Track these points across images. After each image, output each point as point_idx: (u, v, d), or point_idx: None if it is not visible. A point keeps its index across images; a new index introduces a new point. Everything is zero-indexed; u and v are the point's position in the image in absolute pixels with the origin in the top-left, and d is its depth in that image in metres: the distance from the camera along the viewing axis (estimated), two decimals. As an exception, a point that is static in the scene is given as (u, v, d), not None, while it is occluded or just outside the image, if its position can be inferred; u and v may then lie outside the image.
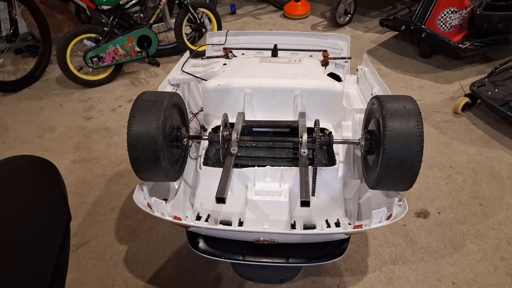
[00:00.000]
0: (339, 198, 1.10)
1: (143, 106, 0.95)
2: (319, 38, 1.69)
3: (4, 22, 2.38)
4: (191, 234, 1.08)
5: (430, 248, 1.38)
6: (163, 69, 2.68)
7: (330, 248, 1.06)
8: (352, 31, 3.13)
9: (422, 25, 2.36)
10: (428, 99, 2.24)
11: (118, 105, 2.31)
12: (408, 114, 0.91)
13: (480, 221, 1.48)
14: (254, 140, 1.14)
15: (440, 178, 1.69)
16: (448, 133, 1.96)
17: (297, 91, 1.16)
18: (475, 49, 2.35)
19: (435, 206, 1.56)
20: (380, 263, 1.34)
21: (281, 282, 1.26)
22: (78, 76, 2.42)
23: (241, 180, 1.06)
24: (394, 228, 1.46)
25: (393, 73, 2.52)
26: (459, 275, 1.29)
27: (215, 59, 1.52)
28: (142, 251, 1.41)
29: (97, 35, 2.38)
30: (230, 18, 3.46)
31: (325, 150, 1.16)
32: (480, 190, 1.62)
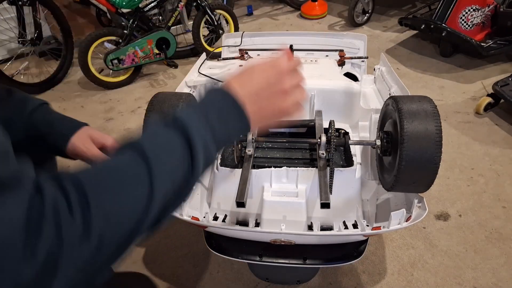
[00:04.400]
0: (356, 199, 1.09)
1: (158, 107, 0.97)
2: (335, 38, 1.68)
3: (29, 26, 2.46)
4: (208, 234, 1.09)
5: (451, 252, 1.35)
6: (181, 71, 2.71)
7: (348, 250, 1.05)
8: (370, 31, 3.09)
9: (443, 24, 2.31)
10: (449, 99, 2.19)
11: (138, 106, 2.35)
12: (426, 115, 0.89)
13: (503, 224, 1.44)
14: (270, 141, 1.14)
15: (461, 180, 1.65)
16: (470, 134, 1.91)
17: (314, 92, 1.15)
18: (498, 47, 2.29)
19: (456, 208, 1.52)
20: (398, 266, 1.32)
21: (298, 283, 1.25)
22: (99, 78, 2.48)
23: (257, 181, 1.06)
24: (413, 230, 1.44)
25: (413, 72, 2.48)
26: (481, 279, 1.26)
27: (231, 60, 1.53)
28: (160, 250, 1.43)
29: (117, 38, 2.43)
30: (247, 19, 3.47)
31: (342, 151, 1.15)
32: (503, 193, 1.57)
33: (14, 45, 2.68)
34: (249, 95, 0.51)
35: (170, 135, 0.47)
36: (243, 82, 0.52)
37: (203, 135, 0.47)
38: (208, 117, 0.48)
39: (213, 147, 0.48)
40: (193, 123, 0.47)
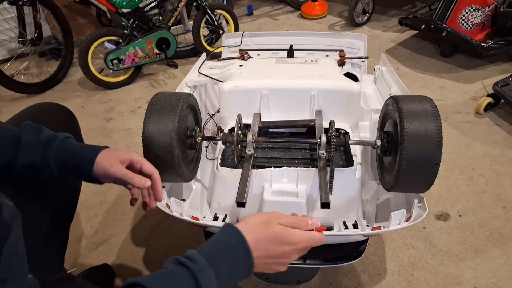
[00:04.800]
0: (356, 199, 1.09)
1: (158, 107, 0.97)
2: (336, 38, 1.68)
3: (29, 26, 2.46)
4: (208, 234, 1.09)
5: (451, 252, 1.35)
6: (181, 71, 2.71)
7: (348, 250, 1.05)
8: (370, 31, 3.09)
9: (443, 24, 2.30)
10: (449, 99, 2.19)
11: (138, 106, 2.35)
12: (426, 115, 0.89)
13: (503, 224, 1.44)
14: (270, 141, 1.14)
15: (461, 180, 1.65)
16: (470, 134, 1.91)
17: (314, 92, 1.15)
18: (498, 47, 2.29)
19: (456, 208, 1.52)
20: (398, 266, 1.32)
21: (298, 283, 1.25)
22: (99, 78, 2.48)
23: (257, 181, 1.06)
24: (413, 230, 1.44)
25: (413, 72, 2.48)
26: (481, 279, 1.26)
27: (231, 60, 1.53)
28: (160, 250, 1.43)
29: (118, 38, 2.43)
30: (247, 19, 3.47)
31: (342, 151, 1.15)
32: (503, 193, 1.57)
33: (14, 45, 2.69)
34: (261, 257, 0.63)
35: (183, 278, 0.55)
36: (261, 244, 0.63)
37: (211, 284, 0.56)
38: (220, 270, 0.58)
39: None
40: (206, 276, 0.56)
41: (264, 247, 0.63)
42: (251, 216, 0.67)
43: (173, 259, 0.59)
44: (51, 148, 0.74)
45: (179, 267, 0.57)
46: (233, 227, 0.64)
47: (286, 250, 0.65)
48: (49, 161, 0.73)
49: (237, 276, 0.61)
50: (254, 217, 0.67)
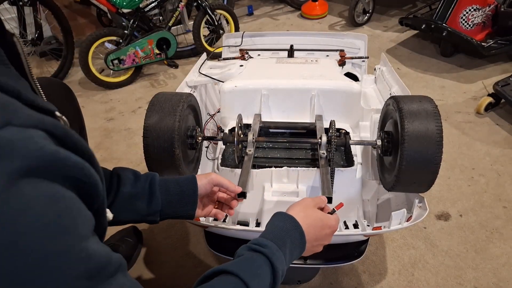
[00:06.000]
0: (357, 199, 1.09)
1: (158, 107, 0.97)
2: (336, 38, 1.68)
3: (29, 26, 2.46)
4: (209, 234, 1.09)
5: (451, 252, 1.35)
6: (181, 71, 2.71)
7: (348, 250, 1.06)
8: (370, 31, 3.09)
9: (443, 24, 2.30)
10: (449, 99, 2.19)
11: (138, 106, 2.35)
12: (427, 115, 0.89)
13: (504, 224, 1.44)
14: (271, 141, 1.14)
15: (462, 180, 1.65)
16: (471, 134, 1.91)
17: (314, 92, 1.15)
18: (498, 47, 2.29)
19: (457, 208, 1.52)
20: (399, 266, 1.32)
21: (298, 283, 1.25)
22: (100, 78, 2.48)
23: (258, 181, 1.06)
24: (413, 230, 1.43)
25: (413, 72, 2.48)
26: (482, 279, 1.26)
27: (231, 60, 1.53)
28: (160, 250, 1.43)
29: (118, 38, 2.43)
30: (248, 19, 3.47)
31: (343, 151, 1.15)
32: (504, 193, 1.57)
33: (14, 46, 2.68)
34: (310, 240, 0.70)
35: (261, 262, 0.60)
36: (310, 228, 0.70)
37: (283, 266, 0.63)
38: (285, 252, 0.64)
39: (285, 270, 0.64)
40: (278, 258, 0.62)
41: (312, 230, 0.70)
42: (293, 205, 0.75)
43: (245, 247, 0.64)
44: (155, 189, 0.77)
45: (254, 253, 0.61)
46: (286, 214, 0.71)
47: (327, 232, 0.74)
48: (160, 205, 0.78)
49: (294, 257, 0.68)
50: (295, 205, 0.74)
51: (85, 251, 0.34)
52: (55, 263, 0.31)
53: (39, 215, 0.30)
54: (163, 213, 0.78)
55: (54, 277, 0.31)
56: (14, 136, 0.29)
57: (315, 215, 0.73)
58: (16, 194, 0.29)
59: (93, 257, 0.35)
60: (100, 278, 0.36)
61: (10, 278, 0.28)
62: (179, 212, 0.79)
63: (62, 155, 0.33)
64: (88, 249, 0.35)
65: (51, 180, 0.32)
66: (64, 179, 0.33)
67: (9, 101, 0.32)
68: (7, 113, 0.30)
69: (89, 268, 0.34)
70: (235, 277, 0.55)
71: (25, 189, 0.30)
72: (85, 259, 0.34)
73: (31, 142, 0.30)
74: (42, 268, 0.30)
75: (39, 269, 0.30)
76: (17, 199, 0.29)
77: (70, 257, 0.32)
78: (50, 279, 0.31)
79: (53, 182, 0.32)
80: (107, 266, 0.37)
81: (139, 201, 0.75)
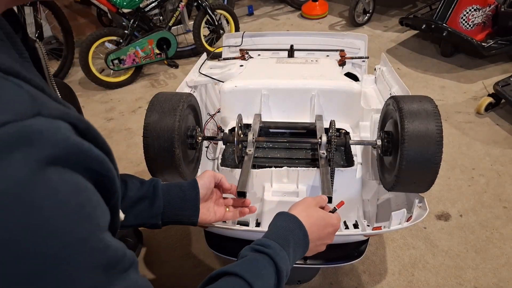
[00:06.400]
0: (357, 199, 1.09)
1: (158, 107, 0.97)
2: (336, 38, 1.68)
3: (30, 26, 2.46)
4: (209, 234, 1.09)
5: (451, 252, 1.35)
6: (181, 71, 2.71)
7: (348, 250, 1.05)
8: (371, 31, 3.09)
9: (444, 24, 2.30)
10: (449, 99, 2.19)
11: (138, 106, 2.35)
12: (427, 115, 0.89)
13: (504, 224, 1.44)
14: (271, 141, 1.14)
15: (462, 180, 1.65)
16: (471, 134, 1.91)
17: (314, 92, 1.15)
18: (499, 47, 2.29)
19: (457, 208, 1.52)
20: (399, 266, 1.32)
21: (298, 283, 1.25)
22: (100, 78, 2.48)
23: (258, 181, 1.06)
24: (413, 230, 1.43)
25: (413, 72, 2.48)
26: (482, 279, 1.26)
27: (231, 60, 1.53)
28: (160, 250, 1.43)
29: (118, 38, 2.43)
30: (248, 19, 3.47)
31: (343, 151, 1.15)
32: (504, 193, 1.57)
33: (15, 45, 2.69)
34: (313, 240, 0.71)
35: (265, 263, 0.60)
36: (313, 227, 0.71)
37: (286, 266, 0.62)
38: (288, 252, 0.64)
39: (289, 270, 0.64)
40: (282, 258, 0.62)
41: (315, 230, 0.71)
42: (294, 205, 0.75)
43: (249, 248, 0.63)
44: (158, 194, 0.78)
45: (258, 254, 0.61)
46: (288, 213, 0.71)
47: (330, 231, 0.74)
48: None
49: (297, 257, 0.68)
50: (297, 205, 0.74)
51: (104, 242, 0.35)
52: (76, 250, 0.32)
53: (64, 202, 0.31)
54: (164, 217, 0.78)
55: (74, 264, 0.32)
56: (43, 125, 0.31)
57: (318, 214, 0.73)
58: (44, 180, 0.30)
59: (110, 249, 0.36)
60: (116, 271, 0.37)
61: (33, 261, 0.29)
62: (181, 216, 0.80)
63: (85, 147, 0.34)
64: (106, 241, 0.36)
65: (74, 170, 0.33)
66: (85, 170, 0.35)
67: (38, 94, 0.33)
68: (37, 104, 0.31)
69: (106, 259, 0.35)
70: (239, 279, 0.55)
71: (52, 176, 0.31)
72: (103, 249, 0.35)
73: (58, 132, 0.32)
74: (63, 254, 0.31)
75: (60, 254, 0.31)
76: (44, 185, 0.30)
77: (90, 246, 0.33)
78: (70, 266, 0.31)
79: (76, 173, 0.33)
80: (122, 260, 0.38)
81: (142, 204, 0.76)
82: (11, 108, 0.30)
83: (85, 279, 0.33)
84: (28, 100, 0.31)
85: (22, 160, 0.29)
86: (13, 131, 0.29)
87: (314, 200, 0.77)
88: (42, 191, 0.30)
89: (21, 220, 0.29)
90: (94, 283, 0.34)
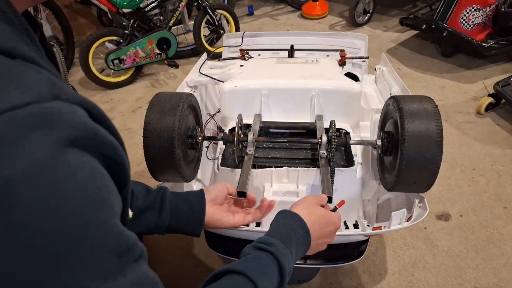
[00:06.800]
0: (357, 199, 1.09)
1: (159, 107, 0.97)
2: (336, 38, 1.68)
3: (30, 26, 2.46)
4: (209, 234, 1.09)
5: (452, 252, 1.35)
6: (181, 71, 2.71)
7: (349, 250, 1.05)
8: (371, 31, 3.09)
9: (444, 24, 2.30)
10: (449, 99, 2.19)
11: (138, 106, 2.35)
12: (427, 115, 0.89)
13: (504, 224, 1.44)
14: (271, 141, 1.14)
15: (462, 180, 1.65)
16: (471, 134, 1.91)
17: (314, 92, 1.15)
18: (499, 47, 2.29)
19: (457, 208, 1.52)
20: (399, 266, 1.32)
21: (298, 283, 1.25)
22: (100, 78, 2.48)
23: (258, 181, 1.06)
24: (414, 230, 1.43)
25: (414, 72, 2.48)
26: (482, 279, 1.26)
27: (231, 60, 1.53)
28: (160, 250, 1.43)
29: (118, 38, 2.43)
30: (248, 19, 3.47)
31: (343, 151, 1.15)
32: (504, 193, 1.57)
33: (15, 45, 2.69)
34: (315, 238, 0.70)
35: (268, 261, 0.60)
36: (315, 226, 0.70)
37: (289, 263, 0.62)
38: (291, 249, 0.64)
39: (291, 268, 0.64)
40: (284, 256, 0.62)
41: (317, 228, 0.71)
42: (296, 203, 0.75)
43: (251, 246, 0.63)
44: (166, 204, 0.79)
45: (261, 252, 0.61)
46: (290, 211, 0.71)
47: (331, 229, 0.74)
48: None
49: (299, 255, 0.68)
50: (298, 203, 0.74)
51: (117, 227, 0.36)
52: (91, 232, 0.32)
53: (82, 184, 0.32)
54: (169, 228, 0.79)
55: (89, 245, 0.32)
56: (62, 108, 0.31)
57: (319, 212, 0.73)
58: (64, 161, 0.30)
59: (123, 235, 0.36)
60: (127, 259, 0.37)
61: (50, 239, 0.30)
62: (185, 229, 0.80)
63: (101, 132, 0.34)
64: (119, 227, 0.36)
65: (91, 155, 0.34)
66: (101, 156, 0.35)
67: (56, 80, 0.34)
68: (56, 88, 0.32)
69: (119, 245, 0.35)
70: (242, 276, 0.55)
71: (71, 158, 0.31)
72: (117, 235, 0.35)
73: (76, 115, 0.32)
74: (79, 235, 0.31)
75: (76, 235, 0.31)
76: (64, 166, 0.30)
77: (105, 229, 0.34)
78: (85, 247, 0.32)
79: (93, 157, 0.34)
80: (134, 248, 0.38)
81: (148, 214, 0.76)
82: (31, 90, 0.30)
83: (98, 261, 0.33)
84: (47, 84, 0.32)
85: (42, 140, 0.29)
86: (34, 111, 0.29)
87: (315, 199, 0.77)
88: (62, 171, 0.30)
89: (40, 198, 0.29)
90: (106, 267, 0.34)
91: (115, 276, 0.34)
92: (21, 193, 0.28)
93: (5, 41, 0.32)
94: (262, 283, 0.55)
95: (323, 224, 0.72)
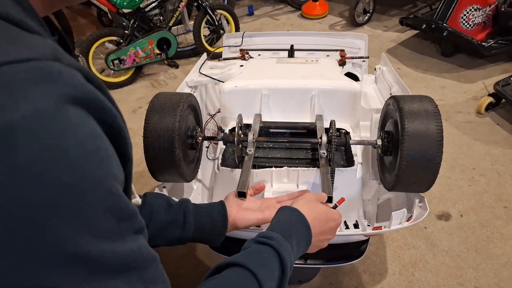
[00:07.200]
0: (357, 199, 1.09)
1: (159, 107, 0.97)
2: (336, 38, 1.68)
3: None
4: (208, 234, 1.08)
5: (452, 252, 1.35)
6: (181, 71, 2.71)
7: (349, 250, 1.05)
8: (371, 30, 3.09)
9: (444, 24, 2.30)
10: (450, 99, 2.19)
11: (139, 106, 2.35)
12: (427, 114, 0.89)
13: (504, 224, 1.44)
14: (271, 141, 1.14)
15: (463, 180, 1.65)
16: (471, 133, 1.91)
17: (314, 92, 1.15)
18: (499, 47, 2.29)
19: (457, 208, 1.52)
20: (399, 265, 1.32)
21: (299, 283, 1.25)
22: (100, 78, 2.48)
23: (258, 181, 1.06)
24: (414, 230, 1.43)
25: (414, 72, 2.48)
26: (482, 279, 1.26)
27: (231, 60, 1.53)
28: (160, 250, 1.42)
29: (118, 38, 2.43)
30: (248, 19, 3.47)
31: (343, 151, 1.15)
32: (504, 193, 1.57)
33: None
34: (316, 234, 0.71)
35: (268, 254, 0.61)
36: (316, 221, 0.71)
37: (290, 257, 0.62)
38: (292, 244, 0.64)
39: (293, 261, 0.64)
40: (285, 249, 0.62)
41: (318, 223, 0.71)
42: (296, 200, 0.75)
43: (252, 240, 0.64)
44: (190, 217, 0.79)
45: (261, 245, 0.62)
46: (290, 207, 0.71)
47: (332, 226, 0.74)
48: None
49: (301, 250, 0.68)
50: (299, 199, 0.74)
51: (118, 190, 0.35)
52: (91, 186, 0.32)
53: (82, 140, 0.31)
54: (191, 240, 0.80)
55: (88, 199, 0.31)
56: (62, 69, 0.32)
57: (319, 208, 0.74)
58: (64, 116, 0.30)
59: (123, 200, 0.35)
60: (127, 226, 0.36)
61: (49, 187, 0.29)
62: (206, 240, 0.81)
63: (101, 97, 0.34)
64: (120, 191, 0.35)
65: (92, 117, 0.33)
66: (101, 121, 0.35)
67: (61, 49, 0.35)
68: (57, 53, 0.33)
69: (119, 207, 0.35)
70: (243, 269, 0.56)
71: (72, 115, 0.31)
72: (117, 196, 0.34)
73: (76, 77, 0.32)
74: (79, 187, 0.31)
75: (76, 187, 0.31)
76: (64, 120, 0.30)
77: (105, 187, 0.33)
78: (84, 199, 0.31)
79: (93, 119, 0.34)
80: (134, 217, 0.38)
81: (172, 230, 0.77)
82: (34, 49, 0.31)
83: (97, 218, 0.32)
84: (50, 48, 0.32)
85: (45, 93, 0.29)
86: (36, 67, 0.30)
87: (315, 196, 0.77)
88: (63, 123, 0.30)
89: (40, 145, 0.29)
90: (105, 226, 0.33)
91: (114, 239, 0.34)
92: (21, 137, 0.28)
93: (16, 14, 0.33)
94: (262, 274, 0.55)
95: (323, 220, 0.72)
